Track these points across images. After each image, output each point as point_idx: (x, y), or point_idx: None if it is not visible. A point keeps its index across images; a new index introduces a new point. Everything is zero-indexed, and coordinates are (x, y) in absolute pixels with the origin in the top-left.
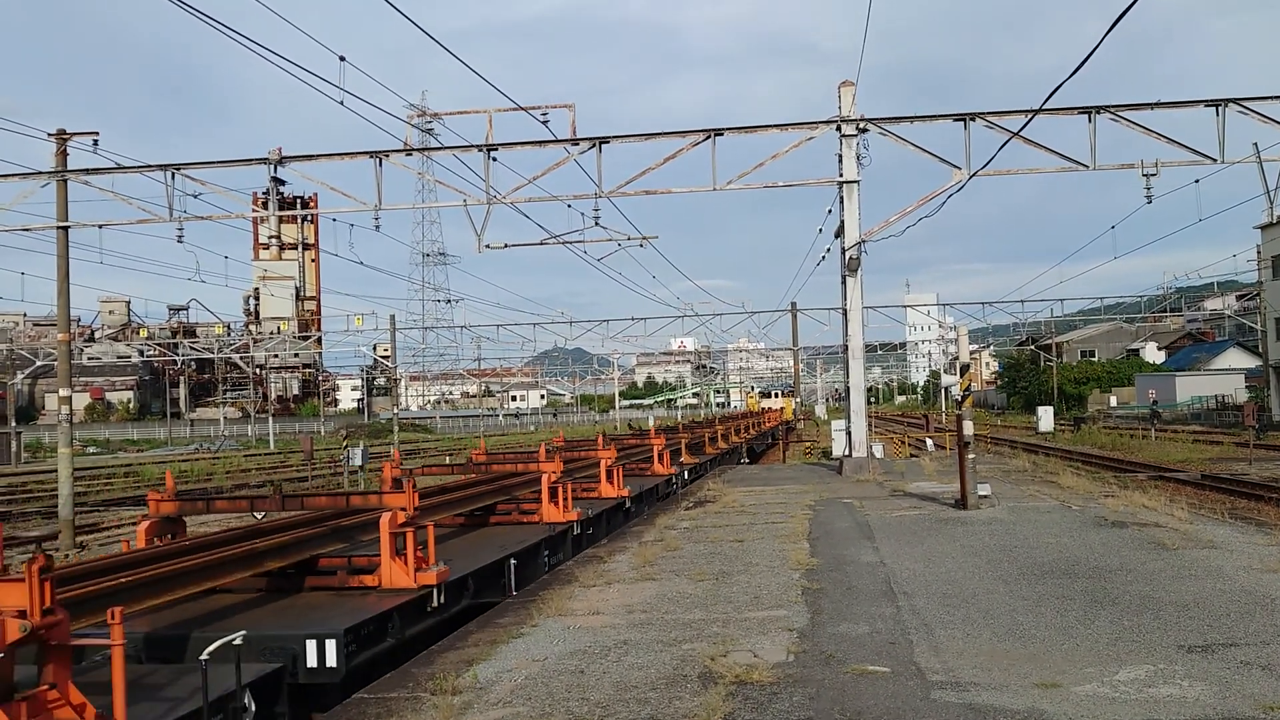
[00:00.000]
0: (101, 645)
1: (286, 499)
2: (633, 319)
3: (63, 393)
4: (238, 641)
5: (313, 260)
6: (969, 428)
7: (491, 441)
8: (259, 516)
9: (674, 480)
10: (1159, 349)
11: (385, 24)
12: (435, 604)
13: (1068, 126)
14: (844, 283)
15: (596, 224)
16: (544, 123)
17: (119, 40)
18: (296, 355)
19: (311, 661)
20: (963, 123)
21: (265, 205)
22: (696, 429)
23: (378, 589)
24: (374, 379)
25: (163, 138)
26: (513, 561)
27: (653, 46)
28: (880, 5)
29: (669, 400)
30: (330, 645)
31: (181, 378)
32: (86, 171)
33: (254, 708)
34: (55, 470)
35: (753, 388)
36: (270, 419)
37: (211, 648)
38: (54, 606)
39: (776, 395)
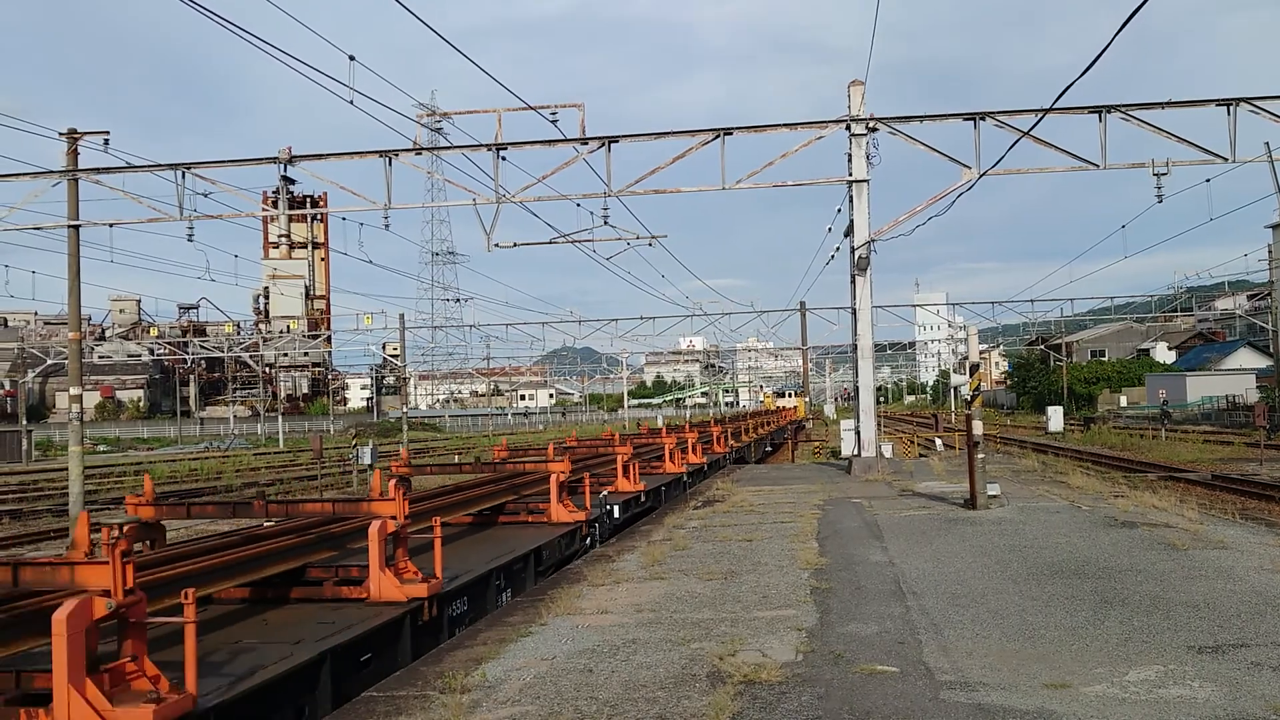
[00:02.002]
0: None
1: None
2: (641, 318)
3: (73, 391)
4: (605, 494)
5: (322, 259)
6: (978, 427)
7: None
8: None
9: (727, 456)
10: (1169, 349)
11: (395, 23)
12: (642, 499)
13: (1078, 126)
14: (853, 282)
15: (605, 223)
16: (553, 122)
17: (130, 40)
18: (306, 354)
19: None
20: (972, 122)
21: (275, 204)
22: (722, 424)
23: (615, 491)
24: (383, 378)
25: (173, 137)
26: (663, 488)
27: (662, 44)
28: (890, 3)
29: (678, 399)
30: (617, 507)
31: (191, 376)
32: (97, 170)
33: (609, 519)
34: (66, 468)
35: (761, 386)
36: (280, 417)
37: (601, 495)
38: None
39: (790, 395)
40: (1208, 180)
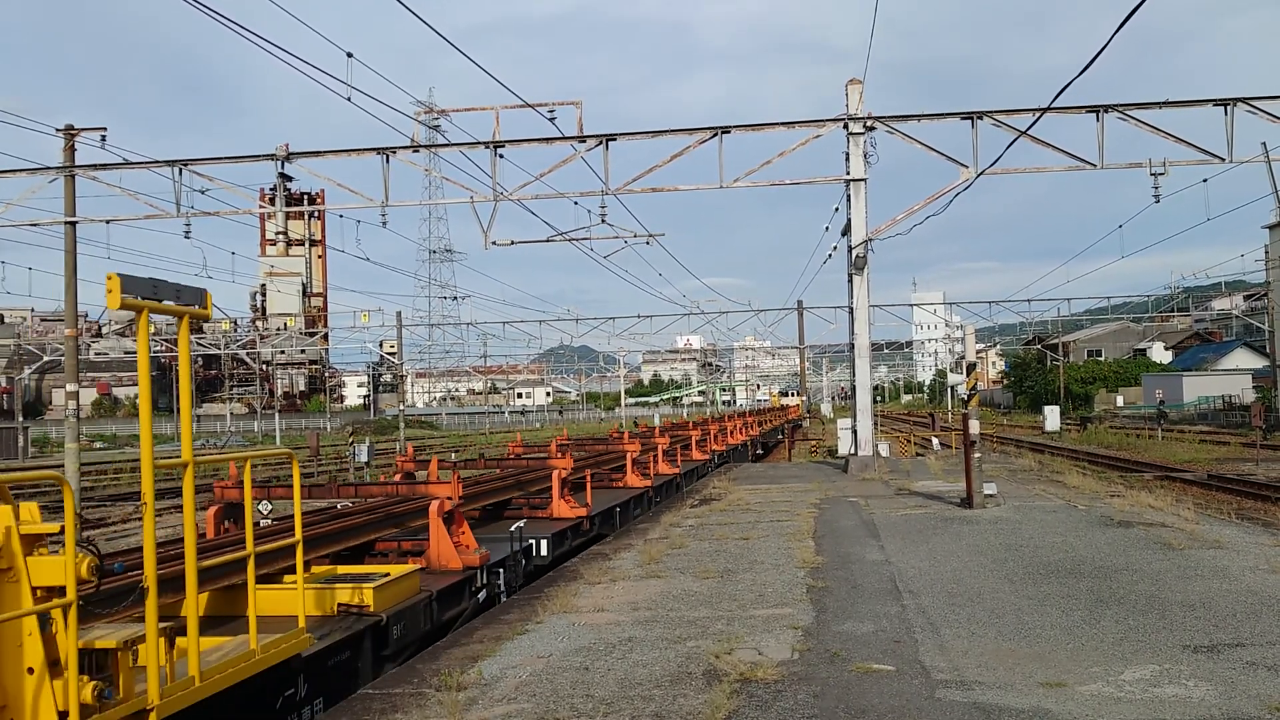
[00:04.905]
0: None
1: None
2: (639, 316)
3: (70, 388)
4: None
5: (319, 256)
6: (975, 427)
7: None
8: None
9: (748, 444)
10: (1166, 349)
11: (394, 21)
12: (700, 469)
13: (1076, 125)
14: (850, 281)
15: (603, 221)
16: (551, 120)
17: (130, 38)
18: (303, 351)
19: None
20: (970, 121)
21: (272, 201)
22: (733, 420)
23: (691, 458)
24: (380, 375)
25: (173, 135)
26: (726, 453)
27: (664, 43)
28: (891, 3)
29: (675, 398)
30: (717, 457)
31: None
32: (94, 167)
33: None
34: (62, 465)
35: (759, 385)
36: (276, 415)
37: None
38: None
39: (792, 394)
40: (1205, 180)
